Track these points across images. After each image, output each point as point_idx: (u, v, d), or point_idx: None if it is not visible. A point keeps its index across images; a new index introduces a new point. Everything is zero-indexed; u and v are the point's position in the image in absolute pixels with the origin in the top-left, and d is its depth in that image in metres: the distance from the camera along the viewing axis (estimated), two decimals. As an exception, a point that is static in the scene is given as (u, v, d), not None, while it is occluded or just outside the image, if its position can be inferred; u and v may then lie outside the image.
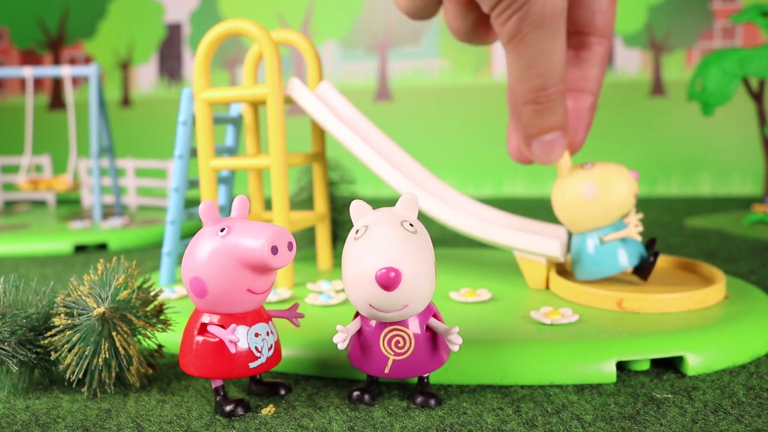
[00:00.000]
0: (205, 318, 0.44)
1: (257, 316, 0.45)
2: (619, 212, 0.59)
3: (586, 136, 0.48)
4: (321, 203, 0.79)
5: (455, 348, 0.43)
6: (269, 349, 0.45)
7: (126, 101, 2.23)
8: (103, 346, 0.47)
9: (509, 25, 0.38)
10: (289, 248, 0.42)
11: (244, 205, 0.45)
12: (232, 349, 0.43)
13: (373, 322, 0.44)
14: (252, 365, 0.44)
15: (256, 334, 0.44)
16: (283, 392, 0.47)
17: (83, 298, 0.47)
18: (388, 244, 0.40)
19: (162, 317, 0.51)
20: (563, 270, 0.70)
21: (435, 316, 0.45)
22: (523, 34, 0.38)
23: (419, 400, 0.45)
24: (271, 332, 0.46)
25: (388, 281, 0.39)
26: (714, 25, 1.87)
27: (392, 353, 0.44)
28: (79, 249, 1.14)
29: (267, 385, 0.48)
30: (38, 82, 2.26)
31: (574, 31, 0.46)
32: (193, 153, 0.74)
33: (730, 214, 1.41)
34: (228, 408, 0.44)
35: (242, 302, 0.43)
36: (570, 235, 0.72)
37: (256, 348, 0.44)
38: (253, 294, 0.43)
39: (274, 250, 0.41)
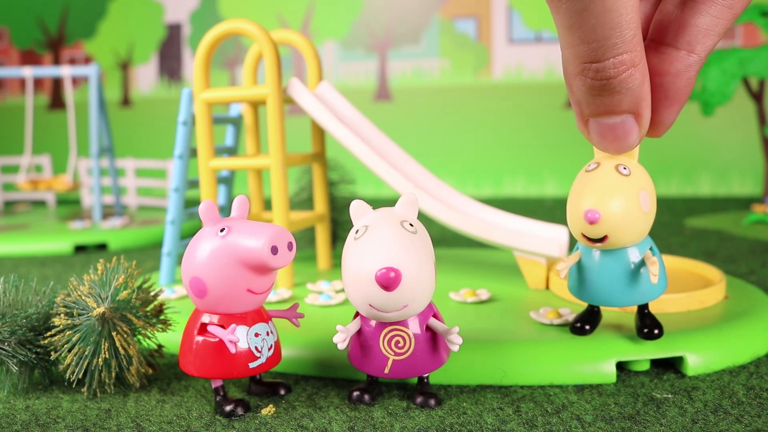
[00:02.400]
0: (205, 318, 0.44)
1: (257, 316, 0.45)
2: None
3: (676, 115, 0.33)
4: (321, 203, 0.79)
5: (455, 348, 0.43)
6: (269, 349, 0.45)
7: (126, 101, 2.23)
8: (103, 346, 0.47)
9: None
10: (289, 248, 0.42)
11: (244, 205, 0.45)
12: (232, 349, 0.43)
13: (373, 322, 0.44)
14: (252, 365, 0.44)
15: (256, 334, 0.44)
16: (283, 392, 0.47)
17: (83, 298, 0.47)
18: (388, 244, 0.40)
19: (162, 317, 0.51)
20: None
21: (435, 316, 0.45)
22: None
23: (419, 400, 0.45)
24: (271, 332, 0.46)
25: (388, 281, 0.39)
26: (714, 25, 1.86)
27: (392, 353, 0.44)
28: (79, 249, 1.14)
29: (267, 385, 0.48)
30: (38, 82, 2.26)
31: None
32: (193, 153, 0.74)
33: (730, 214, 1.41)
34: (228, 408, 0.44)
35: (242, 302, 0.43)
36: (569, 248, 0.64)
37: (256, 348, 0.44)
38: (253, 294, 0.43)
39: (274, 250, 0.41)
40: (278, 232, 0.41)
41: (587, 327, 0.50)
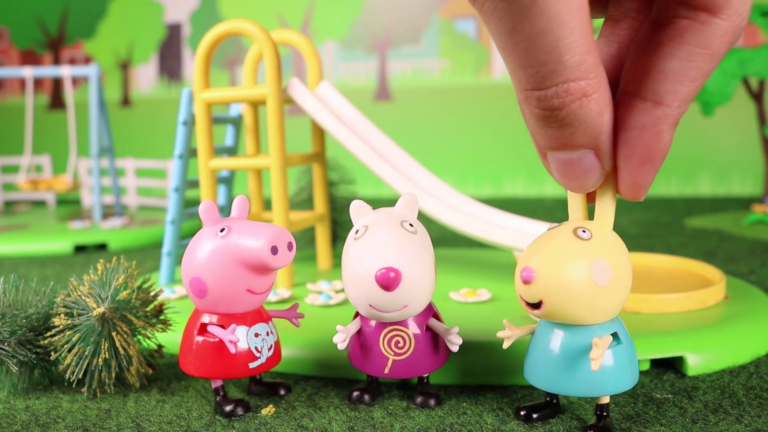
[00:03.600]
0: (205, 318, 0.44)
1: (257, 316, 0.45)
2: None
3: (651, 175, 0.28)
4: (321, 203, 0.79)
5: (455, 348, 0.43)
6: (269, 349, 0.45)
7: (126, 101, 2.23)
8: (103, 346, 0.47)
9: None
10: (289, 248, 0.42)
11: (244, 205, 0.45)
12: (232, 350, 0.43)
13: (373, 322, 0.44)
14: (252, 365, 0.44)
15: (256, 334, 0.44)
16: (283, 392, 0.47)
17: (83, 298, 0.47)
18: (388, 244, 0.40)
19: (162, 317, 0.51)
20: None
21: (435, 316, 0.45)
22: (480, 1, 0.24)
23: (419, 400, 0.45)
24: (271, 332, 0.46)
25: (388, 281, 0.39)
26: (714, 25, 1.87)
27: (392, 353, 0.44)
28: (79, 249, 1.14)
29: (267, 385, 0.48)
30: (38, 82, 2.26)
31: None
32: (193, 153, 0.74)
33: (730, 214, 1.41)
34: (228, 408, 0.44)
35: (242, 302, 0.43)
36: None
37: (256, 348, 0.44)
38: (253, 294, 0.43)
39: (274, 250, 0.41)
40: (278, 232, 0.41)
41: (534, 415, 0.43)
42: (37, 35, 2.26)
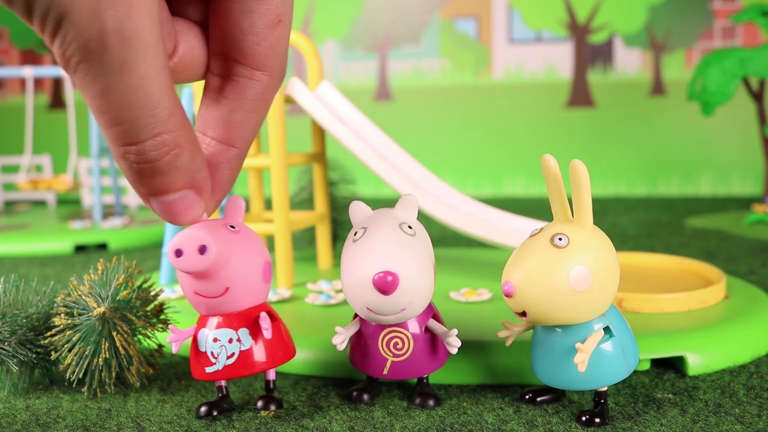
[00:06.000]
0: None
1: (227, 321, 0.43)
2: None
3: (218, 203, 0.33)
4: (321, 203, 0.79)
5: (453, 351, 0.43)
6: (228, 357, 0.43)
7: (126, 101, 2.23)
8: (103, 346, 0.47)
9: (54, 48, 0.25)
10: (201, 251, 0.39)
11: (235, 207, 0.44)
12: (173, 350, 0.43)
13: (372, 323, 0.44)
14: (208, 370, 0.43)
15: (215, 340, 0.43)
16: (274, 407, 0.45)
17: (83, 297, 0.47)
18: (386, 247, 0.40)
19: (162, 317, 0.51)
20: None
21: (435, 317, 0.45)
22: (72, 64, 0.25)
23: (418, 401, 0.45)
24: (239, 340, 0.43)
25: (385, 285, 0.39)
26: (714, 25, 1.87)
27: (391, 355, 0.44)
28: (79, 249, 1.14)
29: (267, 397, 0.46)
30: (38, 82, 2.26)
31: (219, 53, 0.31)
32: (193, 153, 0.74)
33: (730, 214, 1.41)
34: (203, 409, 0.44)
35: (197, 305, 0.42)
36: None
37: (212, 353, 0.43)
38: (202, 297, 0.41)
39: (178, 253, 0.39)
40: (186, 235, 0.39)
41: (538, 399, 0.45)
42: (37, 35, 2.26)
